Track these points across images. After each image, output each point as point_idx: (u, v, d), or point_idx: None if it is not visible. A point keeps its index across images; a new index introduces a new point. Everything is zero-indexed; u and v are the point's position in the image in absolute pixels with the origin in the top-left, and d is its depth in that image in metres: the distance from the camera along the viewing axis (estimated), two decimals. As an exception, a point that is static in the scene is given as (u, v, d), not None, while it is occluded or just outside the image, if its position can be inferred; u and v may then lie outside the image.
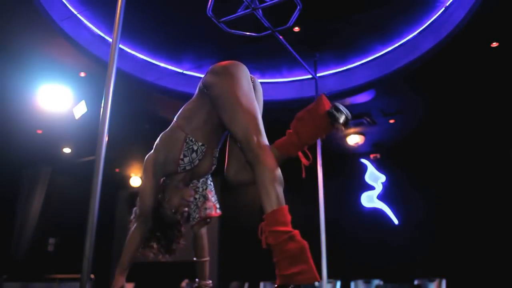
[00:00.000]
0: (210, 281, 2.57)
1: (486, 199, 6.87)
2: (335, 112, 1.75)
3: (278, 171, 1.60)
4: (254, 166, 1.61)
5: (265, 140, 1.68)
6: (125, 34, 3.85)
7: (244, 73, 1.85)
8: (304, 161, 1.86)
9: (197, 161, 1.96)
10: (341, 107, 1.78)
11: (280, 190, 1.57)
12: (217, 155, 2.12)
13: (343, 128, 1.77)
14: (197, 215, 2.49)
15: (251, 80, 1.93)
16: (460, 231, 6.90)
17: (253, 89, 1.90)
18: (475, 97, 5.96)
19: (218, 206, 2.50)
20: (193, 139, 1.92)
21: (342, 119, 1.76)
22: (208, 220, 2.50)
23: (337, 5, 4.72)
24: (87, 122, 5.87)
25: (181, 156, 1.92)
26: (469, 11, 4.45)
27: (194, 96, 1.98)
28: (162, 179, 2.04)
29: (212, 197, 2.59)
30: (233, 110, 1.71)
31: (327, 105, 1.80)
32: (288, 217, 1.54)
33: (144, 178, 1.99)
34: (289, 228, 1.53)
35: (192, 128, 1.92)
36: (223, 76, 1.80)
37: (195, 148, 1.93)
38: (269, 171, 1.57)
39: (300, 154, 1.86)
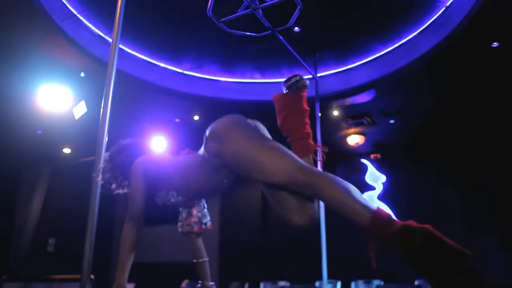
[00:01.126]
0: (213, 283, 2.55)
1: (487, 198, 6.86)
2: (289, 82, 1.80)
3: (340, 181, 1.47)
4: (320, 195, 1.47)
5: (304, 164, 1.55)
6: (125, 34, 3.84)
7: (243, 122, 1.74)
8: (321, 154, 1.84)
9: (169, 204, 1.99)
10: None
11: (359, 195, 1.42)
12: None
13: (304, 82, 1.81)
14: (179, 229, 2.49)
15: (253, 124, 1.84)
16: (461, 231, 6.89)
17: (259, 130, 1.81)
18: (475, 96, 5.95)
19: (205, 220, 2.44)
20: (175, 194, 1.91)
21: (297, 77, 1.81)
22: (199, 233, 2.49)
23: (337, 5, 4.72)
24: (87, 123, 5.86)
25: (158, 194, 1.94)
26: (470, 11, 4.45)
27: (197, 160, 1.84)
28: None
29: (198, 213, 2.53)
30: (259, 164, 1.58)
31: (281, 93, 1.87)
32: (388, 215, 1.37)
33: (133, 182, 1.94)
34: (398, 223, 1.35)
35: (180, 185, 1.87)
36: (227, 137, 1.66)
37: (172, 200, 1.93)
38: (335, 188, 1.43)
39: (312, 144, 1.81)
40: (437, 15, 4.90)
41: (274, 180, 1.56)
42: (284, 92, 1.85)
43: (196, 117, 6.67)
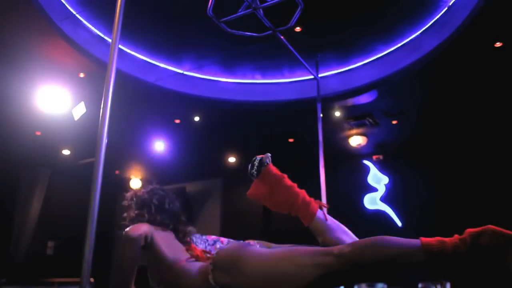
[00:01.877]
0: None
1: (491, 200, 6.82)
2: (254, 168, 1.80)
3: (370, 238, 1.36)
4: (362, 265, 1.33)
5: (326, 248, 1.44)
6: (125, 34, 3.81)
7: (247, 247, 1.64)
8: (322, 210, 1.80)
9: None
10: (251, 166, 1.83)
11: (395, 239, 1.32)
12: None
13: (264, 157, 1.80)
14: None
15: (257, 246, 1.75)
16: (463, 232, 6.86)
17: (258, 247, 1.71)
18: (478, 97, 5.92)
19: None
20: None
21: (256, 159, 1.80)
22: None
23: (339, 5, 4.69)
24: (87, 124, 5.82)
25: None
26: (472, 11, 4.42)
27: (194, 273, 1.72)
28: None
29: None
30: (281, 273, 1.43)
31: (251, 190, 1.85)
32: (437, 238, 1.30)
33: (137, 227, 1.87)
34: (452, 238, 1.29)
35: (167, 279, 1.81)
36: (236, 267, 1.54)
37: None
38: (372, 247, 1.33)
39: (313, 201, 1.77)
40: (440, 14, 4.87)
41: (308, 279, 1.38)
42: (255, 180, 1.81)
43: (196, 118, 6.64)
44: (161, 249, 1.84)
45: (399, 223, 7.48)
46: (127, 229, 1.82)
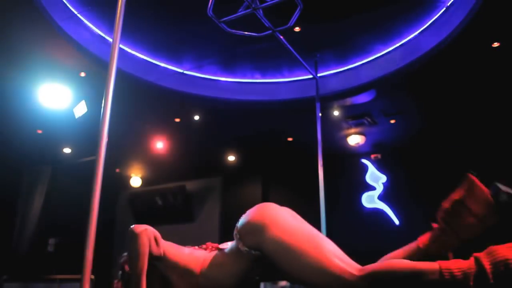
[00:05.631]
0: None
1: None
2: (503, 197, 1.51)
3: (376, 269, 1.42)
4: (382, 280, 1.41)
5: (350, 262, 1.49)
6: (125, 34, 3.84)
7: (277, 208, 1.71)
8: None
9: None
10: (501, 187, 1.53)
11: (407, 263, 1.41)
12: None
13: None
14: None
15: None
16: (461, 231, 6.89)
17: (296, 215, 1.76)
18: (476, 97, 5.94)
19: None
20: None
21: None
22: None
23: (338, 5, 4.72)
24: (88, 122, 5.86)
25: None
26: (470, 11, 4.44)
27: (227, 258, 1.84)
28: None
29: None
30: (301, 261, 1.52)
31: (483, 188, 1.55)
32: (450, 262, 1.38)
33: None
34: (464, 263, 1.37)
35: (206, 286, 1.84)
36: (268, 229, 1.63)
37: None
38: (393, 266, 1.41)
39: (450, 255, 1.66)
40: (438, 14, 4.89)
41: (316, 282, 1.47)
42: (487, 192, 1.58)
43: (196, 117, 6.68)
44: (176, 257, 1.97)
45: (397, 221, 7.52)
46: (131, 226, 1.93)
